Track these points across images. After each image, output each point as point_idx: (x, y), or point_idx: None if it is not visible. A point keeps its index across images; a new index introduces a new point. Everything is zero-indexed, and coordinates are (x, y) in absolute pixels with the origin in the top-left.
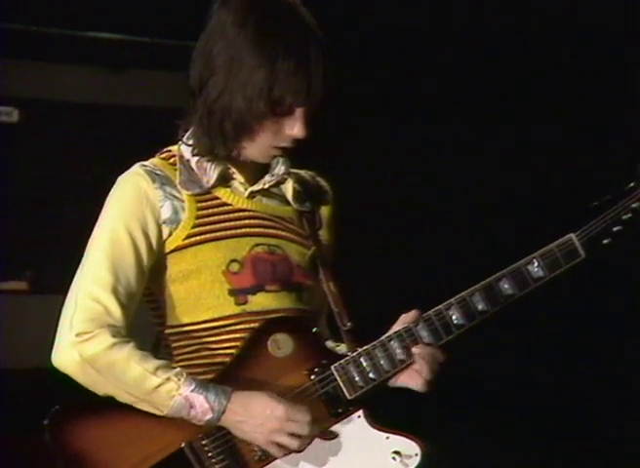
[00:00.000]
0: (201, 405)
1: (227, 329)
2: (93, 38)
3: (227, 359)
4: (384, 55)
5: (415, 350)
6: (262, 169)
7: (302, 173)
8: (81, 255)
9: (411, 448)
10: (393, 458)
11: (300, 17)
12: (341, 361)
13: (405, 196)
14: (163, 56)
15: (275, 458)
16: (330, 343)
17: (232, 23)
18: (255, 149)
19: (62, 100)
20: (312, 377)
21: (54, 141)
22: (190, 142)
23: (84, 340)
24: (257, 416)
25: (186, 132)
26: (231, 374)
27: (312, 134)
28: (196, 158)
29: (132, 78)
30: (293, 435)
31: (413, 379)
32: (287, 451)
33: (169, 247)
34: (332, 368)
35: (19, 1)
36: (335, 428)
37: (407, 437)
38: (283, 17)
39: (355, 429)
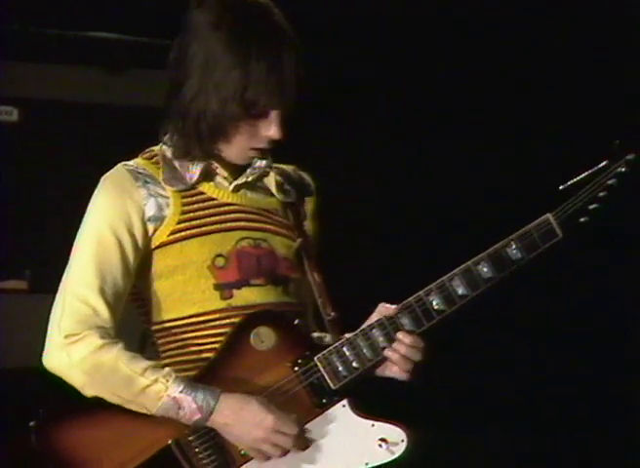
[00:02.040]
0: (189, 405)
1: (213, 323)
2: (92, 38)
3: (212, 354)
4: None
5: (394, 344)
6: (245, 165)
7: (284, 166)
8: None
9: (397, 434)
10: (379, 445)
11: (274, 18)
12: (324, 351)
13: (388, 186)
14: (162, 56)
15: None
16: (316, 334)
17: (207, 25)
18: (232, 151)
19: (62, 100)
20: (296, 369)
21: (53, 141)
22: (170, 143)
23: (72, 342)
24: (244, 423)
25: (166, 133)
26: (216, 370)
27: (287, 134)
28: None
29: (131, 78)
30: (277, 446)
31: (394, 369)
32: (268, 458)
33: (154, 243)
34: (315, 359)
35: (18, 2)
36: (320, 419)
37: (393, 424)
38: (256, 18)
39: (340, 418)
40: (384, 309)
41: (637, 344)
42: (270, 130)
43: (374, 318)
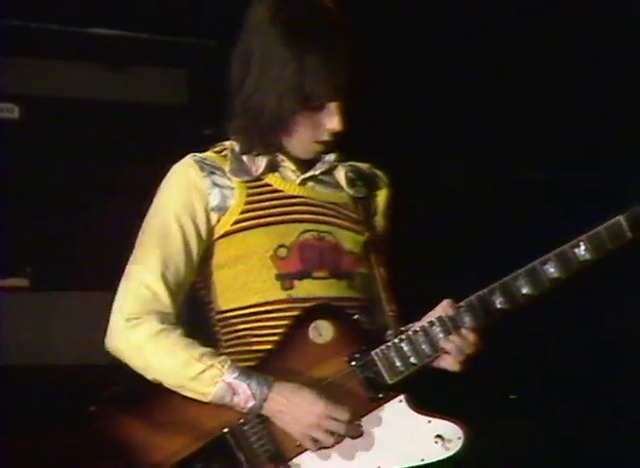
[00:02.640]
0: (244, 392)
1: (273, 314)
2: (94, 34)
3: (271, 346)
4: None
5: (451, 337)
6: (313, 159)
7: (358, 164)
8: (81, 252)
9: (454, 431)
10: (435, 442)
11: (328, 12)
12: (382, 346)
13: (450, 186)
14: (165, 52)
15: None
16: (389, 332)
17: (263, 21)
18: (295, 145)
19: (64, 97)
20: (352, 363)
21: (55, 138)
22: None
23: (132, 326)
24: (296, 409)
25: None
26: (273, 361)
27: (348, 126)
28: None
29: (133, 75)
30: (329, 432)
31: (447, 360)
32: (321, 446)
33: (218, 233)
34: (372, 353)
35: None
36: (376, 413)
37: (449, 420)
38: (311, 12)
39: (397, 413)
40: (447, 306)
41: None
42: (330, 122)
43: (435, 314)
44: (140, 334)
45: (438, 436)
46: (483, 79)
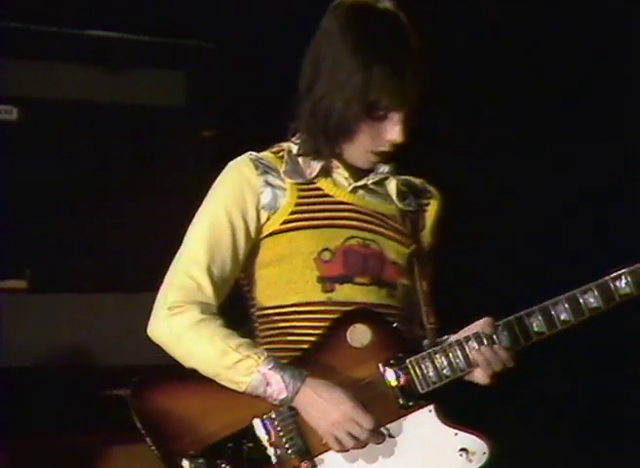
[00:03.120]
0: (277, 383)
1: (312, 315)
2: (92, 36)
3: (307, 346)
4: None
5: (483, 348)
6: (367, 168)
7: (412, 178)
8: (80, 253)
9: (479, 446)
10: (460, 455)
11: (400, 24)
12: (417, 356)
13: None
14: (163, 54)
15: None
16: (425, 342)
17: (337, 29)
18: (354, 152)
19: (61, 99)
20: (386, 369)
21: (53, 140)
22: (296, 142)
23: (174, 314)
24: (324, 405)
25: (294, 133)
26: (308, 360)
27: (409, 139)
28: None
29: (131, 77)
30: (350, 434)
31: (476, 373)
32: (343, 448)
33: (266, 231)
34: (407, 361)
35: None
36: (404, 420)
37: (476, 435)
38: (383, 25)
39: (425, 423)
40: (485, 323)
41: None
42: (392, 133)
43: (473, 329)
44: (181, 322)
45: (463, 449)
46: (517, 92)
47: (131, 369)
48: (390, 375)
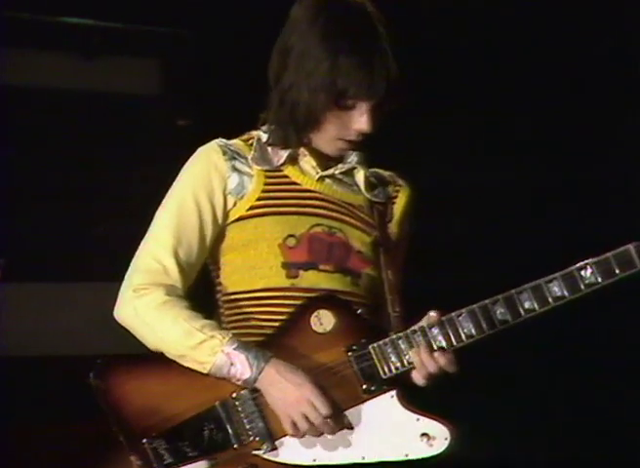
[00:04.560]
0: (242, 363)
1: (276, 301)
2: (64, 23)
3: (271, 331)
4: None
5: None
6: (332, 157)
7: (381, 171)
8: (54, 243)
9: (441, 432)
10: (422, 440)
11: (368, 14)
12: (380, 341)
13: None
14: (137, 41)
15: None
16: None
17: (305, 20)
18: (322, 140)
19: (33, 86)
20: (349, 354)
21: (26, 128)
22: (264, 130)
23: (140, 296)
24: (285, 385)
25: (263, 122)
26: (272, 345)
27: (377, 130)
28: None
29: (104, 64)
30: (305, 417)
31: (413, 373)
32: (297, 431)
33: (232, 216)
34: (369, 346)
35: None
36: (366, 405)
37: (438, 420)
38: (351, 14)
39: (387, 407)
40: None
41: None
42: (359, 122)
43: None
44: (146, 304)
45: (424, 434)
46: (497, 85)
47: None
48: (353, 360)
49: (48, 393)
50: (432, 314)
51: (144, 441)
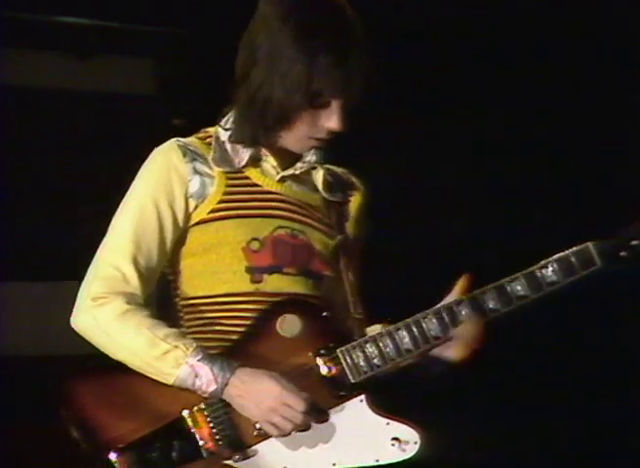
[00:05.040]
0: (206, 375)
1: (240, 306)
2: (60, 23)
3: (236, 336)
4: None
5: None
6: (295, 157)
7: (335, 168)
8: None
9: (411, 435)
10: (392, 444)
11: (344, 14)
12: (348, 345)
13: (426, 190)
14: (132, 41)
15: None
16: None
17: (276, 16)
18: (292, 139)
19: (30, 86)
20: (318, 359)
21: (21, 127)
22: (228, 127)
23: (99, 305)
24: (255, 393)
25: (224, 117)
26: (239, 350)
27: (349, 128)
28: (230, 143)
29: (100, 64)
30: (286, 419)
31: (456, 349)
32: (280, 433)
33: (193, 220)
34: (337, 351)
35: None
36: (336, 410)
37: (407, 424)
38: (326, 13)
39: (356, 412)
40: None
41: None
42: (331, 121)
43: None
44: (106, 313)
45: (395, 438)
46: (468, 83)
47: (54, 359)
48: (321, 365)
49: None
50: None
51: (111, 453)
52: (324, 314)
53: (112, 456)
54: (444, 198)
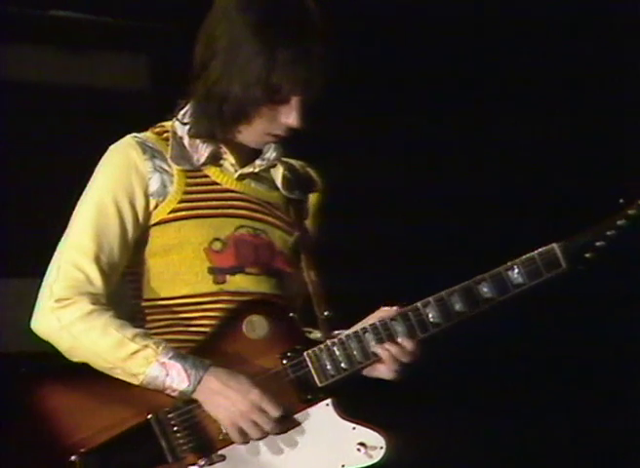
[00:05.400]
0: (178, 373)
1: (203, 306)
2: (53, 17)
3: (200, 337)
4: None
5: (386, 345)
6: (254, 153)
7: (293, 162)
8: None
9: (377, 440)
10: (358, 449)
11: (305, 7)
12: (315, 348)
13: (394, 188)
14: (126, 36)
15: None
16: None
17: (235, 8)
18: (250, 134)
19: (22, 81)
20: (284, 362)
21: (13, 122)
22: (186, 121)
23: (63, 306)
24: (231, 393)
25: (181, 110)
26: (204, 352)
27: (307, 125)
28: (189, 137)
29: (92, 59)
30: (256, 424)
31: (382, 368)
32: (247, 439)
33: (154, 219)
34: (304, 354)
35: None
36: (303, 414)
37: (373, 429)
38: (287, 5)
39: (322, 417)
40: (382, 314)
41: None
42: (290, 117)
43: (370, 320)
44: (70, 314)
45: (361, 443)
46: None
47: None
48: (289, 368)
49: None
50: (386, 309)
51: (73, 458)
52: (290, 315)
53: (75, 461)
54: (398, 197)
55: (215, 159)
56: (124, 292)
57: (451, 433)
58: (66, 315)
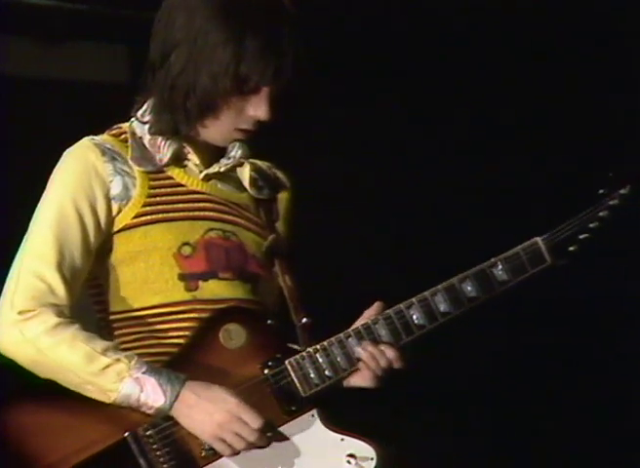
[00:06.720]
0: (153, 388)
1: (176, 316)
2: (27, 5)
3: (175, 349)
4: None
5: (369, 348)
6: (218, 152)
7: (259, 162)
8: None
9: (366, 451)
10: (348, 462)
11: None
12: (297, 356)
13: (371, 187)
14: (104, 26)
15: (221, 456)
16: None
17: None
18: (216, 129)
19: None
20: (266, 371)
21: None
22: (146, 119)
23: (26, 319)
24: (207, 406)
25: (139, 108)
26: (180, 364)
27: (275, 118)
28: (150, 136)
29: (69, 50)
30: (238, 435)
31: (362, 376)
32: (233, 451)
33: (117, 225)
34: (286, 362)
35: None
36: (288, 426)
37: (363, 440)
38: None
39: (309, 429)
40: (366, 317)
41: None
42: (258, 110)
43: (357, 323)
44: (35, 327)
45: (351, 455)
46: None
47: None
48: (270, 379)
49: None
50: (373, 308)
51: None
52: (268, 322)
53: None
54: (378, 196)
55: (178, 159)
56: (87, 305)
57: (443, 440)
58: (31, 328)
